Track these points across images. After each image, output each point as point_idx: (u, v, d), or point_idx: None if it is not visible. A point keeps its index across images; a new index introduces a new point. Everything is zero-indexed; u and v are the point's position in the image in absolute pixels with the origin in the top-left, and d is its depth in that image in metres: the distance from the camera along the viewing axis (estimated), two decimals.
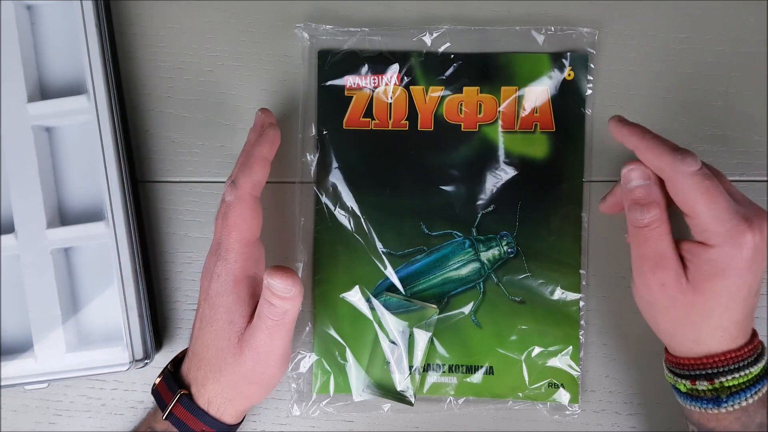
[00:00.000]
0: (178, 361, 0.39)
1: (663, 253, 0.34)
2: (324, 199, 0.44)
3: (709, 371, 0.34)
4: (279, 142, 0.40)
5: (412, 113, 0.43)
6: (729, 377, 0.33)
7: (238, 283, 0.36)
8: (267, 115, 0.41)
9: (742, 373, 0.33)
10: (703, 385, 0.34)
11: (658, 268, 0.34)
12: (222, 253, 0.37)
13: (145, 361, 0.42)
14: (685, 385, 0.35)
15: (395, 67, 0.43)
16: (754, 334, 0.35)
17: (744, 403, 0.33)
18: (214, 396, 0.37)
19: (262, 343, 0.35)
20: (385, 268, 0.43)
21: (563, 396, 0.42)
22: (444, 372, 0.43)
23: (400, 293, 0.43)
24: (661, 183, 0.35)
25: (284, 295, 0.34)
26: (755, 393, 0.33)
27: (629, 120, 0.37)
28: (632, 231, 0.36)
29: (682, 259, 0.34)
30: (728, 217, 0.33)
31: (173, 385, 0.37)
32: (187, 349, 0.39)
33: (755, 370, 0.34)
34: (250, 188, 0.37)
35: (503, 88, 0.43)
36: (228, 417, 0.37)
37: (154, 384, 0.38)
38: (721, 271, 0.33)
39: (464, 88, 0.43)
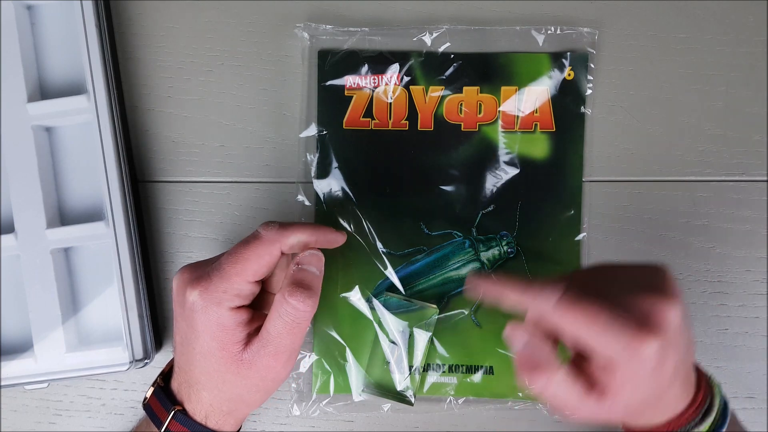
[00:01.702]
0: (166, 373, 0.38)
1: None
2: (324, 199, 0.44)
3: None
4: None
5: (412, 113, 0.43)
6: None
7: (221, 316, 0.34)
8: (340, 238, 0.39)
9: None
10: None
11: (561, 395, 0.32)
12: (208, 276, 0.35)
13: (145, 361, 0.42)
14: None
15: (395, 67, 0.43)
16: (699, 384, 0.34)
17: None
18: (211, 410, 0.36)
19: (290, 344, 0.35)
20: (385, 268, 0.43)
21: None
22: (444, 372, 0.43)
23: (400, 293, 0.43)
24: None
25: (308, 307, 0.34)
26: None
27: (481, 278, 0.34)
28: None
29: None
30: (619, 331, 0.29)
31: (166, 401, 0.36)
32: (173, 359, 0.38)
33: (703, 428, 0.32)
34: (278, 234, 0.35)
35: (503, 88, 0.43)
36: (228, 426, 0.37)
37: (145, 399, 0.37)
38: (630, 386, 0.30)
39: (464, 88, 0.43)
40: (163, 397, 0.36)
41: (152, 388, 0.37)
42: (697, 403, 0.33)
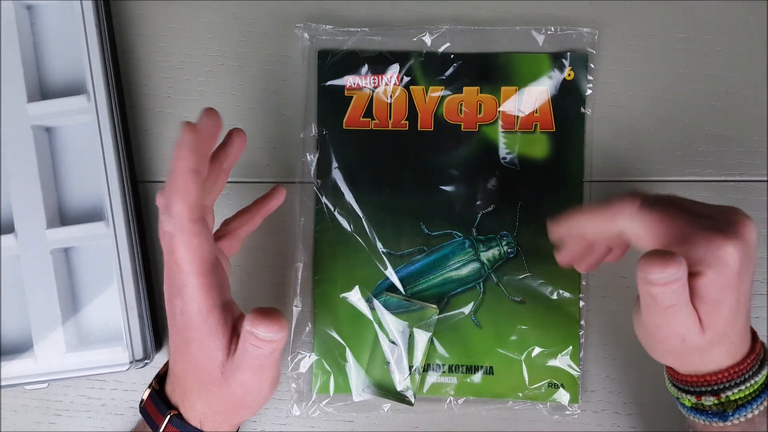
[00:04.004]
0: (161, 376, 0.38)
1: (682, 310, 0.31)
2: (324, 199, 0.44)
3: (715, 387, 0.33)
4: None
5: (412, 113, 0.43)
6: (735, 390, 0.33)
7: (205, 318, 0.32)
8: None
9: (747, 385, 0.33)
10: (709, 401, 0.33)
11: (677, 327, 0.31)
12: (176, 290, 0.32)
13: (145, 361, 0.42)
14: (690, 400, 0.35)
15: (395, 67, 0.43)
16: (754, 338, 0.34)
17: (750, 415, 0.33)
18: (206, 417, 0.35)
19: (251, 380, 0.33)
20: (385, 268, 0.43)
21: (563, 396, 0.42)
22: (444, 372, 0.43)
23: (400, 293, 0.43)
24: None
25: (271, 340, 0.31)
26: (760, 404, 0.33)
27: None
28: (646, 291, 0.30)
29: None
30: (700, 237, 0.30)
31: (161, 405, 0.35)
32: (168, 362, 0.37)
33: (759, 379, 0.33)
34: (187, 214, 0.30)
35: (503, 88, 0.43)
36: (225, 429, 0.36)
37: (142, 401, 0.37)
38: (721, 297, 0.30)
39: (464, 88, 0.43)
40: (159, 400, 0.36)
41: (148, 390, 0.37)
42: (755, 352, 0.33)
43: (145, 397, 0.37)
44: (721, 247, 0.30)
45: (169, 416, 0.35)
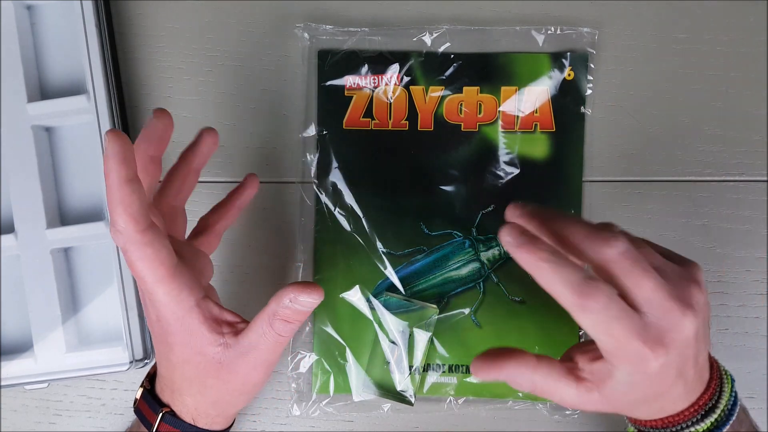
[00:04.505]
0: (152, 375, 0.38)
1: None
2: (324, 199, 0.44)
3: (651, 431, 0.33)
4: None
5: (412, 113, 0.43)
6: None
7: (182, 322, 0.32)
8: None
9: (693, 429, 0.32)
10: None
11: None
12: (147, 300, 0.33)
13: (145, 361, 0.42)
14: (633, 429, 0.34)
15: (395, 67, 0.43)
16: (710, 381, 0.32)
17: None
18: (197, 414, 0.35)
19: (260, 363, 0.33)
20: (385, 268, 0.43)
21: None
22: (444, 372, 0.43)
23: (400, 293, 0.43)
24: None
25: (312, 306, 0.32)
26: None
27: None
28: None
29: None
30: (667, 304, 0.29)
31: (153, 404, 0.35)
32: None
33: (701, 427, 0.32)
34: (133, 225, 0.29)
35: (503, 88, 0.43)
36: (218, 425, 0.36)
37: (135, 401, 0.37)
38: (640, 386, 0.30)
39: (464, 88, 0.43)
40: (151, 399, 0.36)
41: (141, 390, 0.37)
42: (700, 402, 0.32)
43: (138, 396, 0.37)
44: (682, 318, 0.29)
45: (161, 414, 0.35)
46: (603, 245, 0.29)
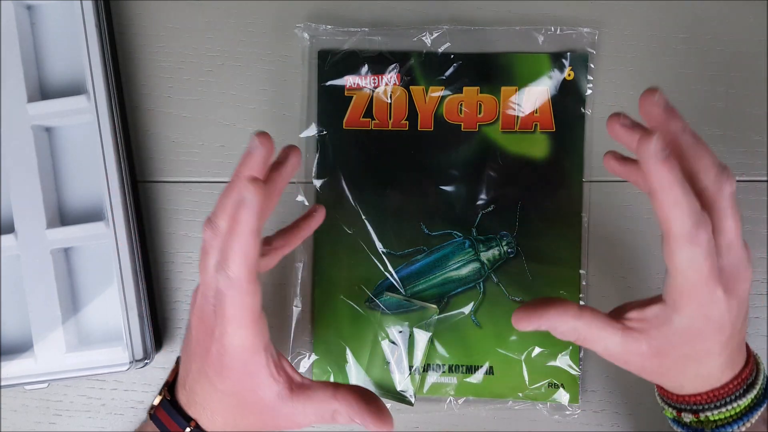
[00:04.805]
0: (170, 383, 0.36)
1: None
2: (324, 199, 0.44)
3: (694, 407, 0.33)
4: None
5: (412, 113, 0.43)
6: (715, 412, 0.32)
7: (247, 363, 0.32)
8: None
9: (729, 408, 0.32)
10: (688, 418, 0.33)
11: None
12: (216, 336, 0.31)
13: (145, 361, 0.42)
14: (671, 413, 0.34)
15: (395, 67, 0.43)
16: (748, 359, 0.33)
17: None
18: (227, 428, 0.34)
19: (313, 423, 0.33)
20: (385, 268, 0.43)
21: (563, 396, 0.42)
22: (444, 372, 0.43)
23: (400, 293, 0.43)
24: None
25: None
26: (742, 426, 0.32)
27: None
28: None
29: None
30: (742, 254, 0.30)
31: (177, 416, 0.34)
32: (176, 369, 0.36)
33: (743, 402, 0.32)
34: (246, 275, 0.29)
35: (503, 88, 0.43)
36: None
37: (153, 407, 0.36)
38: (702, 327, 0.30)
39: (464, 88, 0.43)
40: (173, 411, 0.35)
41: (159, 398, 0.36)
42: (743, 375, 0.32)
43: (155, 403, 0.36)
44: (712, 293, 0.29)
45: (188, 429, 0.34)
46: (727, 180, 0.29)
